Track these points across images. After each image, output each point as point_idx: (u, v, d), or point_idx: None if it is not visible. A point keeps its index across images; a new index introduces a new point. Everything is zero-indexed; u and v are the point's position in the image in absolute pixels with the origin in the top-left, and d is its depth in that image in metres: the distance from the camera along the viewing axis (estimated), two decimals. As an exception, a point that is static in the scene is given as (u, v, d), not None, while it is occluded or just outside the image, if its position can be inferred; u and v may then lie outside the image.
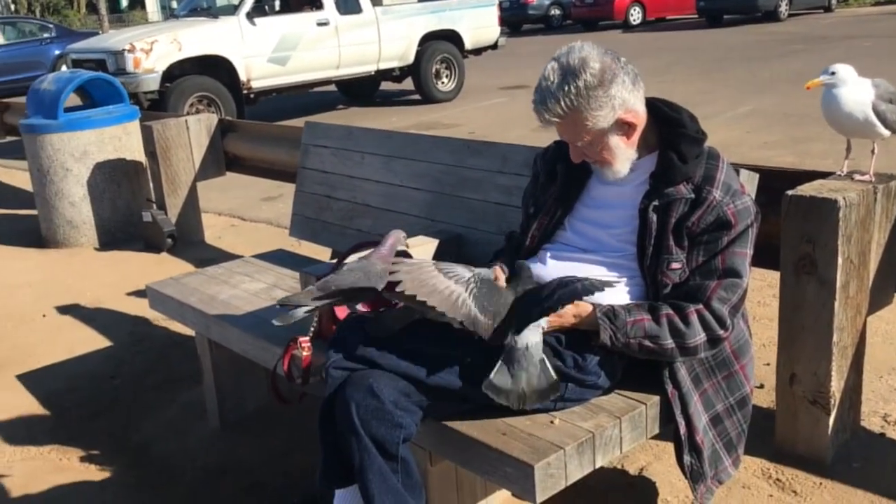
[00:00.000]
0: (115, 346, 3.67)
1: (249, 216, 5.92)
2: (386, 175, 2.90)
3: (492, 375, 1.72)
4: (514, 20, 22.95)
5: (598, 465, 1.76)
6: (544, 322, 1.77)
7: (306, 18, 9.64)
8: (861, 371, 2.35)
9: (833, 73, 2.18)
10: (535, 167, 2.13)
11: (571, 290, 1.70)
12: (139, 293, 4.13)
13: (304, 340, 2.16)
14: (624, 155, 1.86)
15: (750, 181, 2.05)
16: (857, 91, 2.18)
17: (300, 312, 1.90)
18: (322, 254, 3.57)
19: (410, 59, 10.59)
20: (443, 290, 1.74)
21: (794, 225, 2.17)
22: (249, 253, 3.42)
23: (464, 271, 1.80)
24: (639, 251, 1.86)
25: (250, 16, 9.15)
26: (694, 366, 1.88)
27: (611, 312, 1.80)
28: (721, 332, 1.82)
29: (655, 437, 2.02)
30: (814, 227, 2.13)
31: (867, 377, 2.47)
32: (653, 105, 1.89)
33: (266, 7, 9.32)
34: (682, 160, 1.83)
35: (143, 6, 48.90)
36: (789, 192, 2.18)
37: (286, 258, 3.13)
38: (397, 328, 1.85)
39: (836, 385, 2.23)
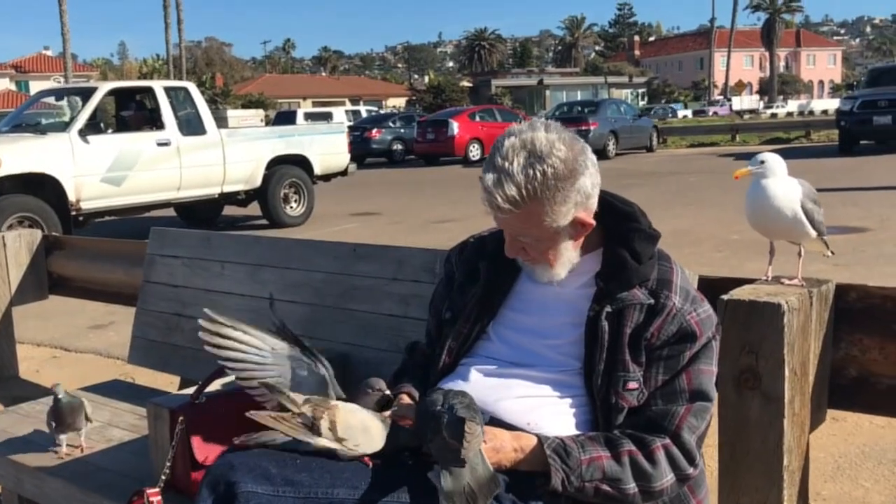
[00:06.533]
0: None
1: (74, 347, 5.19)
2: (252, 287, 2.48)
3: (441, 483, 1.35)
4: (358, 153, 22.79)
5: None
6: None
7: (145, 138, 9.14)
8: (807, 498, 2.09)
9: (762, 163, 2.00)
10: (447, 265, 1.78)
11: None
12: (-71, 441, 3.36)
13: (153, 493, 1.72)
14: (568, 257, 1.56)
15: (692, 282, 1.81)
16: (786, 187, 2.02)
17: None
18: (165, 383, 3.03)
19: (257, 182, 10.23)
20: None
21: (734, 334, 1.91)
22: (74, 388, 2.81)
23: None
24: (586, 368, 1.53)
25: (83, 133, 8.55)
26: (646, 504, 1.55)
27: (561, 448, 1.45)
28: (690, 470, 1.52)
29: None
30: (756, 334, 1.89)
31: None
32: (601, 198, 1.59)
33: (101, 124, 8.75)
34: (637, 260, 1.55)
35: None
36: (725, 297, 1.94)
37: (123, 389, 2.60)
38: None
39: (788, 517, 1.95)
